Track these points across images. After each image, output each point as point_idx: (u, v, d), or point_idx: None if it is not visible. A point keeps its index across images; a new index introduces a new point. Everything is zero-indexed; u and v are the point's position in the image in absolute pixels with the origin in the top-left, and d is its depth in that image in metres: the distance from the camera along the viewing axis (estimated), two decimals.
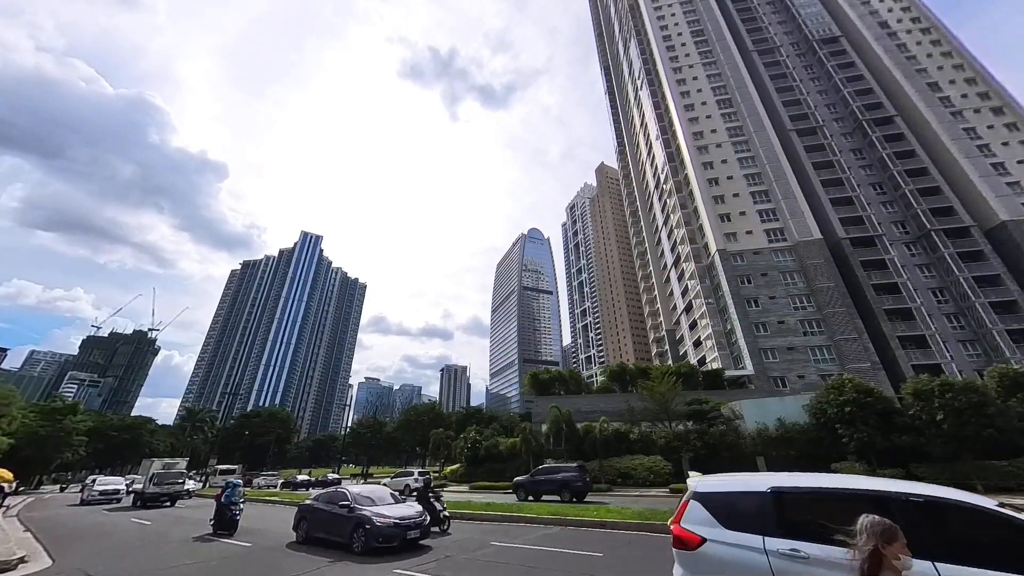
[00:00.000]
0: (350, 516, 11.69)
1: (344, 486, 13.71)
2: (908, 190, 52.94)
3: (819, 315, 48.40)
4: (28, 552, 12.05)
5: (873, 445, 26.36)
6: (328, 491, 13.75)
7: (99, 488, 32.29)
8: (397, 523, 11.13)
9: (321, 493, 14.03)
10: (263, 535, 14.86)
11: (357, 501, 12.02)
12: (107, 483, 33.75)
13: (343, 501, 12.17)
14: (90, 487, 32.59)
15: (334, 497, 12.83)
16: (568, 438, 38.51)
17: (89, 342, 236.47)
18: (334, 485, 28.05)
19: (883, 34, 65.62)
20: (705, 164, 61.39)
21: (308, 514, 13.21)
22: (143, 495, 27.23)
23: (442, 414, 73.99)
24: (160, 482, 27.37)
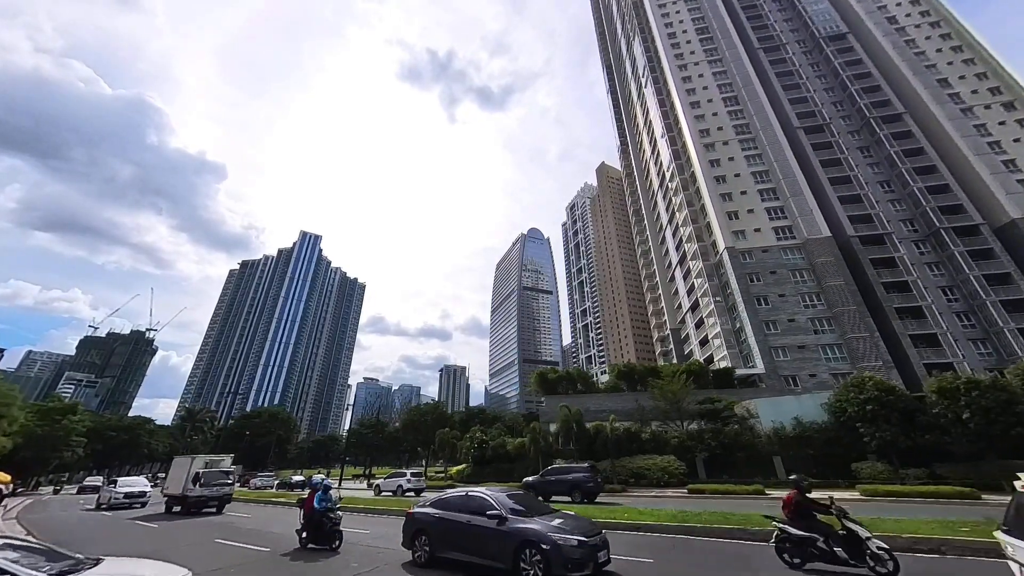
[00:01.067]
0: (507, 532, 8.79)
1: (480, 490, 10.44)
2: (916, 188, 52.52)
3: (829, 313, 47.91)
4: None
5: (896, 444, 25.81)
6: (455, 496, 10.63)
7: (124, 490, 27.85)
8: (583, 542, 8.19)
9: (441, 498, 10.77)
10: (352, 550, 12.11)
11: (513, 511, 9.20)
12: (132, 484, 29.25)
13: (491, 511, 9.15)
14: (111, 489, 28.01)
15: (471, 504, 9.83)
16: (578, 438, 37.85)
17: (86, 342, 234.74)
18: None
19: (891, 29, 65.23)
20: (712, 161, 60.90)
21: (429, 526, 10.18)
22: (186, 499, 22.72)
23: (445, 414, 73.25)
24: (208, 482, 23.07)
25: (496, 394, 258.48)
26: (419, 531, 10.35)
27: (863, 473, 26.44)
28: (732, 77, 67.35)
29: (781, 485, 27.73)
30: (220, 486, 23.72)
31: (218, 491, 23.54)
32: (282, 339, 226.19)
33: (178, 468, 25.16)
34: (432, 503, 10.76)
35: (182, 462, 25.27)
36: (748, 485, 26.15)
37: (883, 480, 25.09)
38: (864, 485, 23.58)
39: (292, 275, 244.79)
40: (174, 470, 25.84)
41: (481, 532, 9.12)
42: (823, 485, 26.72)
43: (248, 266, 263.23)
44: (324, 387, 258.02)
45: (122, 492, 27.55)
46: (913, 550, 9.61)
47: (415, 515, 10.78)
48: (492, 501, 9.48)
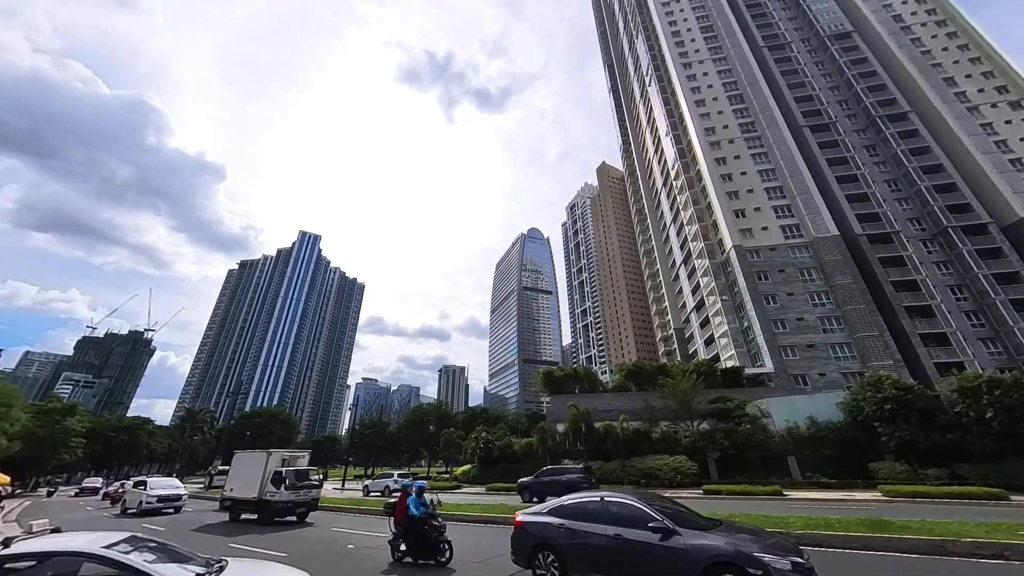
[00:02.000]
0: (684, 550, 6.76)
1: (622, 495, 8.28)
2: (923, 186, 52.25)
3: (838, 312, 47.57)
4: None
5: (915, 444, 25.42)
6: (583, 502, 8.49)
7: (157, 492, 24.16)
8: (797, 564, 6.20)
9: (563, 505, 8.70)
10: (464, 568, 10.20)
11: (675, 521, 7.25)
12: (165, 486, 25.49)
13: (652, 522, 7.21)
14: (142, 491, 24.20)
15: (615, 513, 7.79)
16: (587, 438, 37.38)
17: (84, 343, 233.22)
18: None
19: (897, 28, 64.98)
20: (718, 160, 60.55)
21: (555, 541, 8.15)
22: (267, 505, 18.27)
23: (448, 414, 72.73)
24: (295, 484, 18.51)
25: (495, 394, 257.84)
26: (541, 546, 8.31)
27: (881, 473, 26.00)
28: (737, 75, 67.02)
29: (799, 486, 27.34)
30: (308, 488, 19.19)
31: (306, 495, 19.02)
32: (281, 339, 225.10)
33: (246, 466, 20.72)
34: (551, 510, 8.74)
35: (253, 458, 21.05)
36: (765, 486, 25.67)
37: (902, 480, 24.65)
38: (886, 486, 23.12)
39: (291, 275, 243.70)
40: (240, 468, 21.26)
41: (642, 549, 7.19)
42: (840, 486, 26.33)
43: (247, 266, 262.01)
44: (323, 387, 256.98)
45: (155, 495, 23.95)
46: (974, 555, 9.14)
47: (528, 526, 8.73)
48: (649, 510, 7.51)
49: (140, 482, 26.17)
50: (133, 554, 4.70)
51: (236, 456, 22.80)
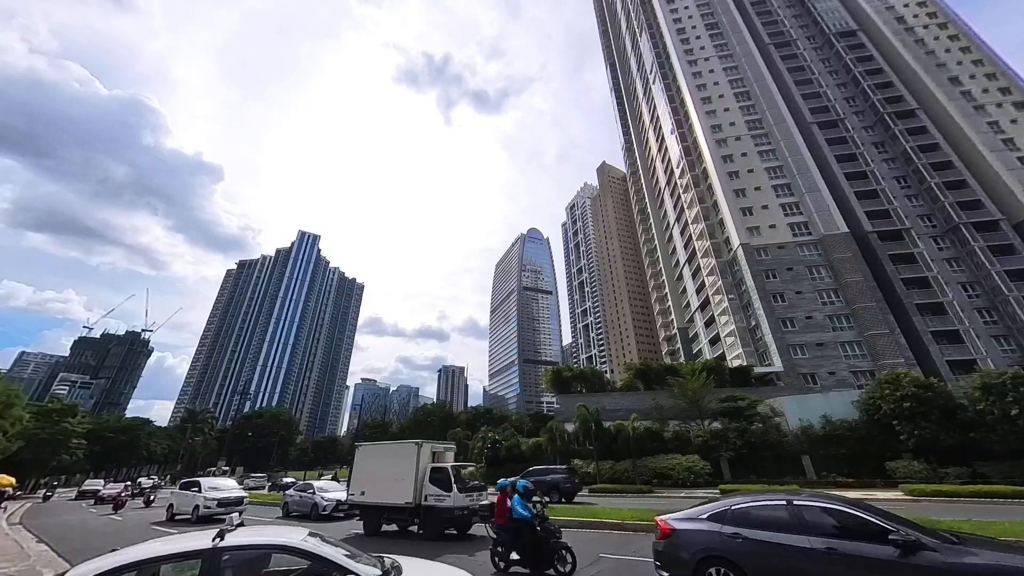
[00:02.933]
0: (933, 570, 5.41)
1: (822, 499, 6.76)
2: (934, 183, 51.93)
3: (848, 310, 47.18)
4: None
5: (936, 442, 25.00)
6: (762, 505, 6.95)
7: (216, 494, 20.77)
8: None
9: (731, 510, 7.08)
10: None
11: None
12: (221, 486, 22.05)
13: (892, 533, 5.73)
14: (197, 493, 20.86)
15: (814, 521, 6.32)
16: (597, 437, 36.84)
17: (81, 343, 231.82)
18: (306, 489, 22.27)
19: (900, 29, 64.83)
20: (725, 157, 60.16)
21: (734, 552, 6.61)
22: (435, 512, 13.99)
23: (452, 414, 72.24)
24: (467, 487, 14.33)
25: (495, 395, 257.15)
26: (710, 560, 6.78)
27: (899, 472, 25.58)
28: (743, 72, 66.70)
29: (815, 485, 26.87)
30: (479, 491, 14.86)
31: (476, 500, 14.37)
32: (280, 339, 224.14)
33: (384, 461, 16.52)
34: (711, 515, 7.18)
35: (393, 451, 16.83)
36: (782, 485, 25.22)
37: (921, 479, 24.20)
38: (908, 485, 22.69)
39: (290, 275, 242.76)
40: (372, 465, 16.82)
41: (875, 568, 5.67)
42: (857, 485, 25.89)
43: (246, 266, 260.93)
44: (322, 388, 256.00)
45: (215, 498, 20.41)
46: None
47: (686, 534, 7.20)
48: (876, 517, 5.98)
49: (190, 482, 22.72)
50: (327, 548, 4.57)
51: (361, 450, 17.96)
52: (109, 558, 3.93)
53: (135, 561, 3.90)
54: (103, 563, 3.82)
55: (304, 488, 23.16)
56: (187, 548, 4.08)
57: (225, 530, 4.10)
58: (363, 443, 19.97)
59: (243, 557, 4.27)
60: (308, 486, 23.12)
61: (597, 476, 34.15)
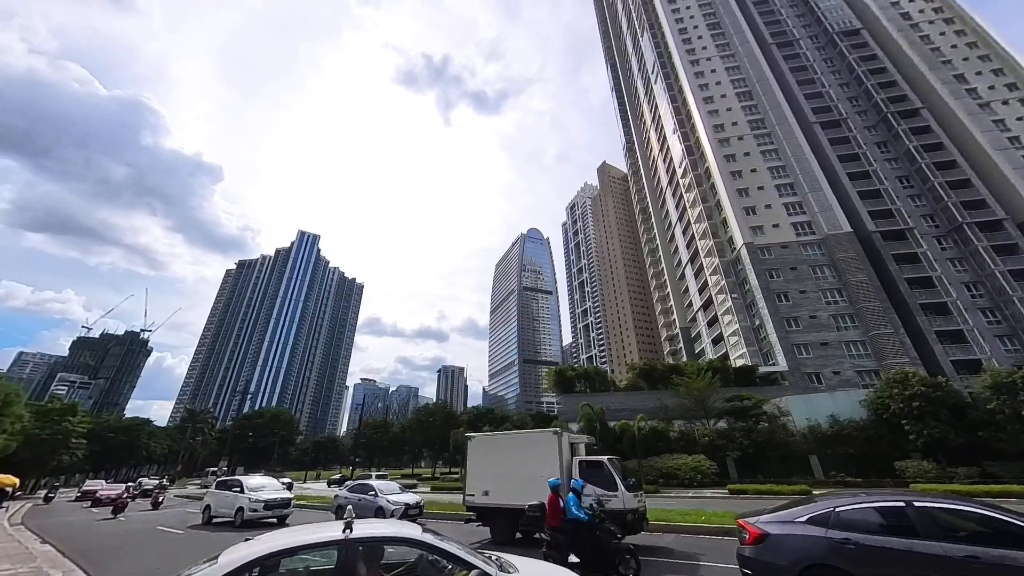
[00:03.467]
0: None
1: (949, 499, 6.34)
2: (937, 183, 51.80)
3: (852, 310, 47.04)
4: None
5: (945, 442, 24.85)
6: (881, 507, 6.16)
7: (263, 495, 18.59)
8: None
9: (839, 511, 6.24)
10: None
11: None
12: (264, 486, 19.83)
13: None
14: (236, 493, 18.73)
15: (955, 525, 5.78)
16: (602, 437, 36.61)
17: (79, 343, 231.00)
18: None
19: (905, 25, 64.67)
20: (727, 156, 60.01)
21: (846, 560, 5.84)
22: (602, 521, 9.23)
23: (454, 414, 71.98)
24: (630, 485, 12.00)
25: (494, 395, 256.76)
26: (815, 568, 5.97)
27: (908, 472, 25.39)
28: (746, 72, 66.56)
29: (824, 485, 26.68)
30: (639, 489, 12.55)
31: (643, 499, 12.42)
32: (280, 339, 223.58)
33: (519, 454, 13.20)
34: (811, 519, 6.29)
35: (534, 442, 13.30)
36: (791, 485, 25.06)
37: (931, 479, 24.05)
38: (918, 484, 22.51)
39: (290, 275, 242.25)
40: (498, 459, 13.86)
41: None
42: (867, 484, 25.68)
43: (245, 266, 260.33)
44: (322, 388, 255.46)
45: (261, 499, 18.21)
46: None
47: (783, 539, 6.31)
48: (1018, 520, 5.35)
49: (230, 482, 20.18)
50: (447, 543, 4.57)
51: (476, 442, 14.79)
52: (257, 545, 4.00)
53: (285, 548, 3.97)
54: (255, 549, 3.88)
55: (362, 489, 19.27)
56: (326, 538, 4.12)
57: (351, 522, 4.19)
58: (475, 433, 17.28)
59: (370, 548, 4.34)
60: (367, 487, 19.22)
61: None
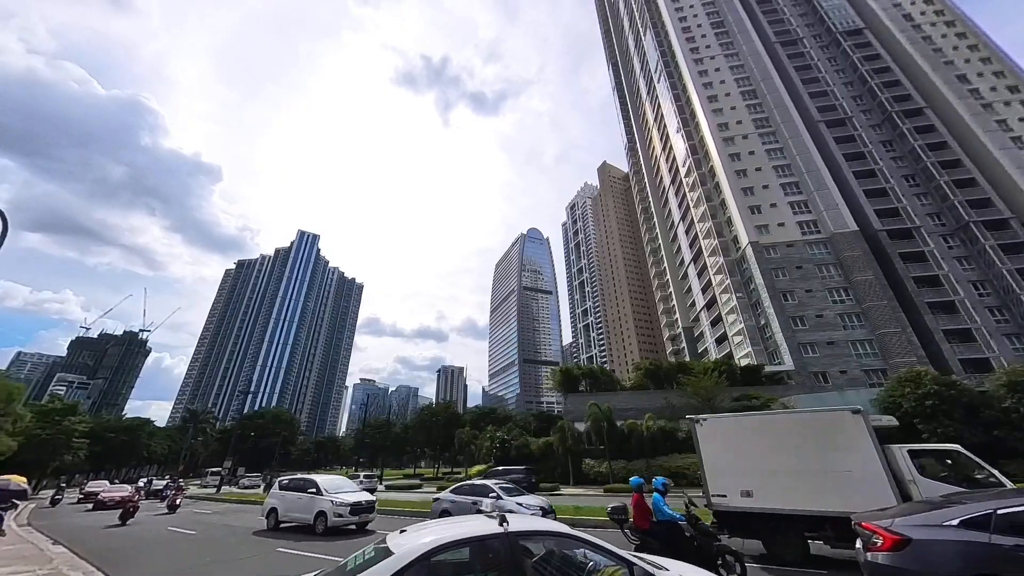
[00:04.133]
0: None
1: None
2: (943, 181, 51.74)
3: (859, 309, 46.91)
4: None
5: (959, 441, 24.63)
6: None
7: (351, 498, 15.80)
8: None
9: (1006, 512, 5.25)
10: None
11: None
12: (342, 486, 17.16)
13: None
14: (312, 494, 16.09)
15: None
16: (609, 436, 36.44)
17: (78, 343, 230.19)
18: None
19: (908, 26, 64.71)
20: (732, 155, 59.87)
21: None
22: None
23: (457, 414, 71.73)
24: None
25: (494, 395, 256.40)
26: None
27: None
28: (750, 71, 66.45)
29: None
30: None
31: None
32: (280, 339, 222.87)
33: (795, 441, 10.00)
34: (965, 521, 5.34)
35: (818, 426, 9.94)
36: None
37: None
38: None
39: (290, 274, 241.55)
40: (772, 448, 10.19)
41: None
42: None
43: (244, 266, 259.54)
44: (322, 388, 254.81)
45: (348, 503, 15.48)
46: None
47: (935, 545, 5.34)
48: None
49: (300, 481, 17.36)
50: (600, 540, 4.45)
51: (709, 425, 11.34)
52: (426, 536, 3.94)
53: (456, 539, 3.92)
54: (425, 540, 3.82)
55: (479, 491, 16.20)
56: (488, 531, 4.02)
57: (505, 516, 4.14)
58: (709, 415, 12.47)
59: (526, 542, 4.21)
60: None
61: (610, 476, 33.82)
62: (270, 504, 17.27)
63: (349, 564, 4.04)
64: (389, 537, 4.18)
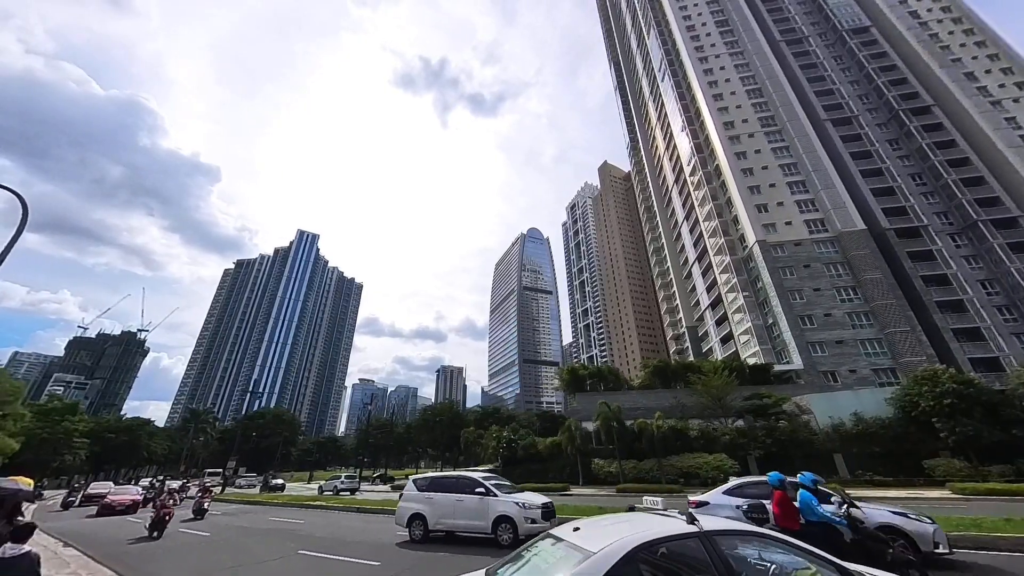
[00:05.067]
0: None
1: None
2: (951, 180, 51.53)
3: (867, 307, 46.64)
4: None
5: (978, 439, 24.40)
6: None
7: (538, 500, 13.01)
8: None
9: None
10: None
11: None
12: (504, 483, 14.38)
13: None
14: (496, 500, 12.73)
15: None
16: (619, 436, 36.04)
17: (75, 343, 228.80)
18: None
19: (914, 24, 64.50)
20: (738, 154, 59.59)
21: None
22: None
23: (460, 413, 71.31)
24: None
25: (493, 395, 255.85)
26: None
27: (939, 471, 24.97)
28: (755, 69, 66.18)
29: (853, 484, 26.16)
30: None
31: None
32: (279, 339, 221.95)
33: None
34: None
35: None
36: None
37: (963, 478, 23.57)
38: (955, 483, 21.97)
39: (289, 274, 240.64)
40: None
41: None
42: (896, 484, 25.22)
43: (244, 265, 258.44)
44: (321, 388, 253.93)
45: (536, 504, 12.60)
46: None
47: None
48: None
49: (458, 480, 14.14)
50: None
51: None
52: (618, 535, 3.68)
53: (660, 537, 3.70)
54: (629, 538, 3.57)
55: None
56: (683, 530, 3.79)
57: (693, 515, 3.94)
58: None
59: (723, 542, 3.88)
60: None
61: (620, 475, 33.44)
62: (412, 508, 13.77)
63: (527, 561, 3.87)
64: (565, 534, 3.93)
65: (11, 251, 8.96)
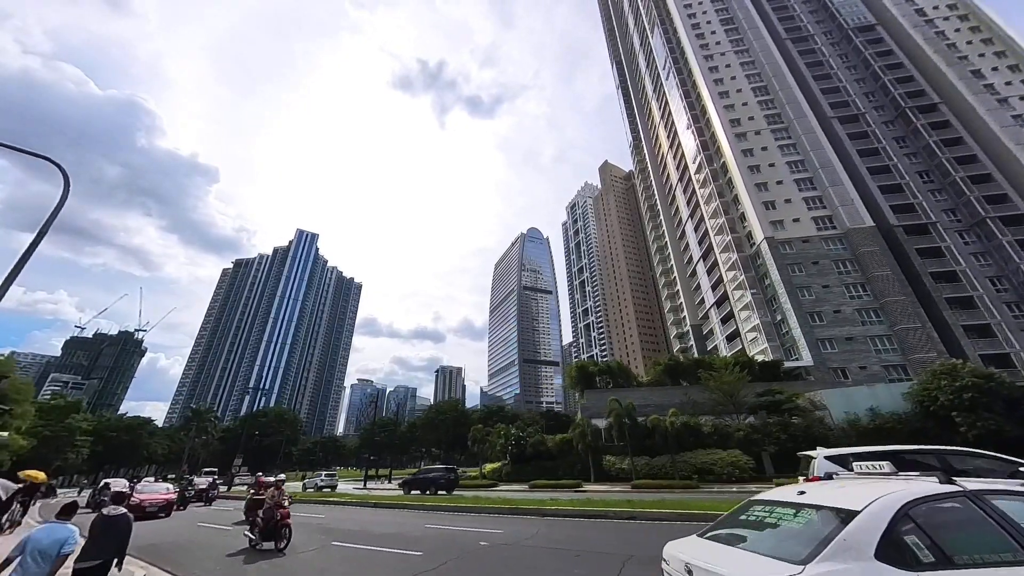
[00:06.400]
0: None
1: None
2: (959, 177, 51.48)
3: (877, 304, 46.53)
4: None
5: (1000, 434, 24.22)
6: None
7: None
8: None
9: None
10: None
11: None
12: None
13: None
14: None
15: None
16: (631, 432, 35.77)
17: (72, 343, 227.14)
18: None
19: (920, 21, 64.52)
20: (744, 151, 59.47)
21: None
22: None
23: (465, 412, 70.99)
24: None
25: (493, 395, 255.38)
26: None
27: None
28: (761, 67, 66.14)
29: None
30: None
31: None
32: (279, 339, 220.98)
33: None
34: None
35: None
36: None
37: None
38: None
39: (288, 273, 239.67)
40: None
41: None
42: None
43: (242, 265, 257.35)
44: (320, 388, 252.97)
45: None
46: None
47: None
48: None
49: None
50: None
51: None
52: (894, 495, 3.34)
53: (923, 495, 3.35)
54: (900, 495, 3.29)
55: None
56: (944, 490, 3.46)
57: (947, 475, 3.64)
58: None
59: (996, 501, 3.48)
60: None
61: (632, 472, 33.16)
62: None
63: (751, 524, 3.75)
64: (790, 497, 3.77)
65: (54, 222, 8.59)
